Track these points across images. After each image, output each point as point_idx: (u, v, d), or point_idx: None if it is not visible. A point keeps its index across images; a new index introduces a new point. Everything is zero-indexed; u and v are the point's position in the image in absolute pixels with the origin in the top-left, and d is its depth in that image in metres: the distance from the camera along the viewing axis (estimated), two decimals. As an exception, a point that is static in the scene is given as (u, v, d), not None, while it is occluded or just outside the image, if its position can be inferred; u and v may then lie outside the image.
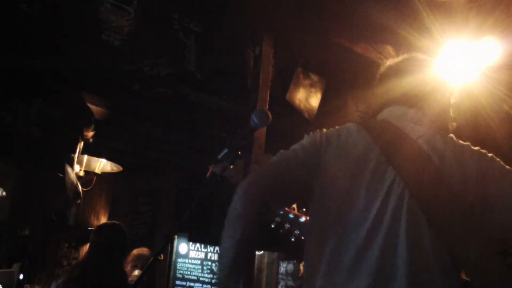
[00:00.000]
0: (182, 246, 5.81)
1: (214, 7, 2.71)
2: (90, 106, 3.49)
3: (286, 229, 1.70)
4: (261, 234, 2.24)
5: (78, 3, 2.62)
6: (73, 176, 3.49)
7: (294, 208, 1.73)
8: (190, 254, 5.84)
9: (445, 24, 2.50)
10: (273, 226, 1.74)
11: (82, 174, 4.46)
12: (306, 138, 1.37)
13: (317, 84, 3.26)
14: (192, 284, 5.72)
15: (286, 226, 1.71)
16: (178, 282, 5.66)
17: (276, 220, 1.72)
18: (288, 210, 1.72)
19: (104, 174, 4.85)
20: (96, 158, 4.60)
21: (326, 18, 2.70)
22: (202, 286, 5.75)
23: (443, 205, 1.17)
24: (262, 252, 5.93)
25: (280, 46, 2.73)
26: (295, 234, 1.69)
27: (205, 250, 5.94)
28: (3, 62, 2.86)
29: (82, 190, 4.01)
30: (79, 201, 4.11)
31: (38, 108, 3.04)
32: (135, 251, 3.77)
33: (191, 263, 5.82)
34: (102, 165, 4.69)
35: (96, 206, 5.87)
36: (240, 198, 1.26)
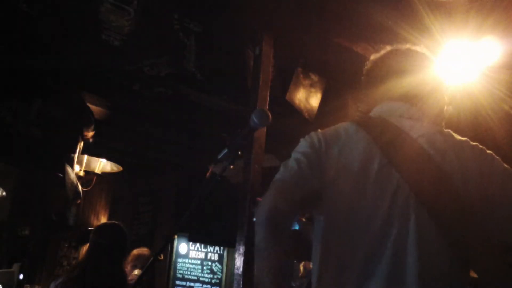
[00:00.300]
0: (182, 246, 5.80)
1: (214, 7, 2.71)
2: (90, 106, 3.49)
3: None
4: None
5: (78, 3, 2.62)
6: (73, 176, 3.49)
7: None
8: (190, 254, 5.84)
9: (445, 24, 2.50)
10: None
11: (82, 174, 4.46)
12: (304, 143, 1.31)
13: (317, 84, 3.26)
14: (192, 284, 5.72)
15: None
16: (178, 282, 5.66)
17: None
18: (308, 222, 1.71)
19: (104, 174, 4.85)
20: (96, 158, 4.60)
21: (326, 18, 2.70)
22: (202, 286, 5.75)
23: (447, 205, 1.17)
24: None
25: (280, 46, 2.73)
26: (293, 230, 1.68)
27: (205, 250, 5.94)
28: (3, 62, 2.86)
29: (82, 190, 4.01)
30: (79, 201, 4.11)
31: (38, 108, 3.04)
32: (135, 251, 3.77)
33: (191, 263, 5.82)
34: (102, 165, 4.69)
35: (96, 206, 5.87)
36: (265, 228, 1.17)
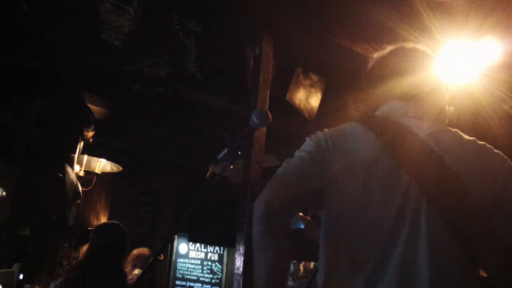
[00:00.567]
0: (182, 246, 5.80)
1: (214, 7, 2.71)
2: (90, 106, 3.49)
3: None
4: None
5: (78, 3, 2.62)
6: (73, 176, 3.49)
7: None
8: (190, 254, 5.84)
9: (445, 24, 2.50)
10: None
11: (82, 174, 4.46)
12: (310, 142, 1.30)
13: (317, 84, 3.26)
14: (192, 284, 5.72)
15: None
16: (178, 282, 5.66)
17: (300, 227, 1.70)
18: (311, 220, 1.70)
19: (104, 174, 4.85)
20: (96, 158, 4.60)
21: (326, 18, 2.70)
22: (202, 286, 5.75)
23: (456, 205, 1.16)
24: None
25: (280, 46, 2.73)
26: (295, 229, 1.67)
27: (205, 250, 5.94)
28: (3, 62, 2.86)
29: (82, 190, 4.01)
30: (79, 201, 4.11)
31: (38, 108, 3.04)
32: (135, 251, 3.77)
33: (191, 263, 5.82)
34: (102, 165, 4.69)
35: (96, 206, 5.87)
36: (261, 225, 1.18)
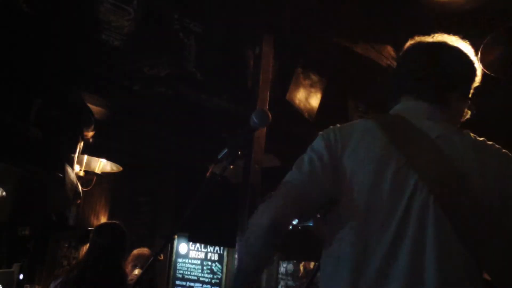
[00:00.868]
0: (182, 246, 5.80)
1: (214, 7, 2.71)
2: (90, 106, 3.49)
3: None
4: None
5: (78, 3, 2.62)
6: (73, 176, 3.49)
7: None
8: (190, 254, 5.84)
9: (445, 24, 2.50)
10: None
11: (82, 174, 4.45)
12: (320, 141, 1.28)
13: (317, 84, 3.26)
14: (192, 284, 5.72)
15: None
16: (178, 282, 5.66)
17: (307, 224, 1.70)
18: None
19: (104, 174, 4.84)
20: (96, 158, 4.59)
21: (326, 18, 2.70)
22: (202, 286, 5.75)
23: (465, 206, 1.16)
24: (262, 252, 5.92)
25: (280, 46, 2.73)
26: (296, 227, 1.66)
27: (205, 250, 5.94)
28: (3, 62, 2.86)
29: (82, 190, 4.01)
30: (79, 201, 4.11)
31: (38, 108, 3.04)
32: (135, 251, 3.77)
33: (191, 263, 5.82)
34: (102, 165, 4.68)
35: (96, 206, 5.87)
36: (265, 238, 1.19)
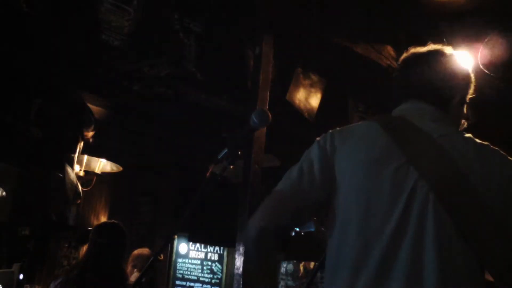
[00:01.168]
0: (182, 246, 5.80)
1: (214, 7, 2.71)
2: (90, 106, 3.49)
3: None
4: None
5: (78, 3, 2.62)
6: (73, 176, 3.49)
7: None
8: (190, 254, 5.84)
9: (445, 24, 2.50)
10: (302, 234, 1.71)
11: (82, 174, 4.45)
12: (315, 148, 1.30)
13: (317, 84, 3.26)
14: (192, 284, 5.72)
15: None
16: (178, 282, 5.66)
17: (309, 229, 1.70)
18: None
19: (104, 174, 4.84)
20: (96, 158, 4.59)
21: (326, 18, 2.70)
22: (202, 286, 5.75)
23: (466, 206, 1.15)
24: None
25: (280, 46, 2.73)
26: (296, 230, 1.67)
27: (205, 250, 5.94)
28: (3, 62, 2.86)
29: (82, 190, 4.01)
30: (79, 201, 4.11)
31: (38, 108, 3.04)
32: (135, 252, 3.77)
33: (191, 263, 5.82)
34: (102, 165, 4.68)
35: (96, 206, 5.86)
36: (255, 248, 1.26)
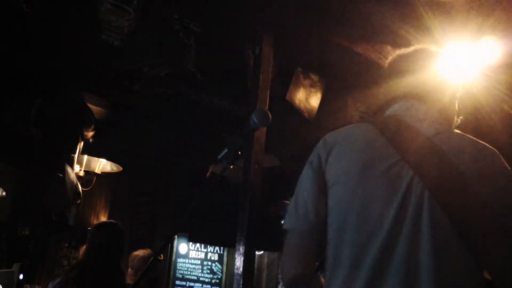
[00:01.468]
0: (182, 246, 5.81)
1: (214, 7, 2.71)
2: (90, 106, 3.49)
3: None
4: (261, 234, 2.24)
5: (78, 3, 2.62)
6: (73, 176, 3.49)
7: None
8: (190, 254, 5.84)
9: (445, 24, 2.50)
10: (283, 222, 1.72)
11: (82, 174, 4.46)
12: (307, 169, 1.31)
13: (317, 84, 3.26)
14: (192, 284, 5.72)
15: None
16: (178, 282, 5.67)
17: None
18: None
19: (104, 174, 4.85)
20: (96, 158, 4.60)
21: (327, 18, 2.70)
22: (202, 286, 5.75)
23: (462, 204, 1.15)
24: (262, 252, 5.93)
25: (280, 46, 2.73)
26: None
27: (205, 250, 5.94)
28: (3, 62, 2.86)
29: (82, 190, 4.02)
30: (79, 201, 4.11)
31: (38, 108, 3.04)
32: (134, 253, 3.76)
33: (191, 263, 5.82)
34: (102, 165, 4.69)
35: (96, 206, 5.87)
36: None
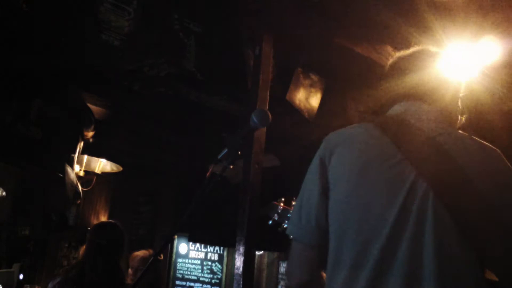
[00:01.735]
0: (182, 246, 5.81)
1: (214, 7, 2.71)
2: (90, 106, 3.49)
3: (284, 227, 1.68)
4: (261, 234, 2.24)
5: (78, 3, 2.62)
6: (73, 176, 3.50)
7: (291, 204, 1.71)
8: (190, 254, 5.84)
9: (445, 24, 2.50)
10: (270, 224, 1.72)
11: (82, 174, 4.46)
12: (311, 173, 1.30)
13: (317, 84, 3.26)
14: (192, 284, 5.72)
15: (283, 225, 1.70)
16: (178, 282, 5.66)
17: (274, 218, 1.71)
18: (287, 208, 1.71)
19: (104, 174, 4.85)
20: (96, 158, 4.60)
21: (327, 18, 2.70)
22: (202, 286, 5.75)
23: (466, 203, 1.14)
24: (262, 252, 5.93)
25: (280, 46, 2.73)
26: None
27: (205, 250, 5.94)
28: (3, 62, 2.86)
29: (82, 190, 4.02)
30: (79, 201, 4.12)
31: (38, 108, 3.04)
32: (136, 253, 3.76)
33: (191, 263, 5.82)
34: (102, 165, 4.69)
35: (96, 206, 5.87)
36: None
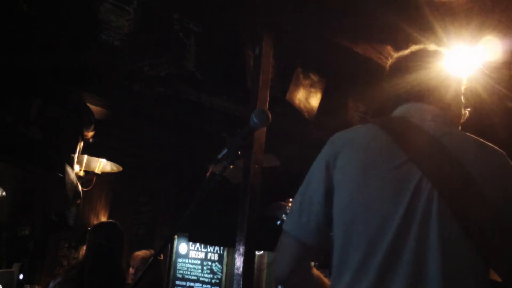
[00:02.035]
0: (182, 246, 5.81)
1: (214, 7, 2.71)
2: (90, 106, 3.49)
3: None
4: (261, 234, 2.24)
5: (78, 3, 2.62)
6: (73, 176, 3.49)
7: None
8: (190, 254, 5.84)
9: (445, 23, 2.50)
10: (278, 224, 1.72)
11: (82, 174, 4.46)
12: (315, 168, 1.28)
13: (317, 84, 3.26)
14: (192, 284, 5.72)
15: None
16: (178, 282, 5.66)
17: (282, 218, 1.71)
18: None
19: (104, 174, 4.85)
20: (96, 158, 4.60)
21: (327, 18, 2.70)
22: (202, 286, 5.75)
23: (473, 205, 1.13)
24: (262, 252, 5.93)
25: (280, 46, 2.73)
26: None
27: (205, 250, 5.94)
28: (3, 62, 2.86)
29: (82, 190, 4.01)
30: (79, 201, 4.11)
31: (38, 108, 3.04)
32: (138, 253, 3.77)
33: (191, 263, 5.82)
34: (102, 165, 4.69)
35: (96, 206, 5.87)
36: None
